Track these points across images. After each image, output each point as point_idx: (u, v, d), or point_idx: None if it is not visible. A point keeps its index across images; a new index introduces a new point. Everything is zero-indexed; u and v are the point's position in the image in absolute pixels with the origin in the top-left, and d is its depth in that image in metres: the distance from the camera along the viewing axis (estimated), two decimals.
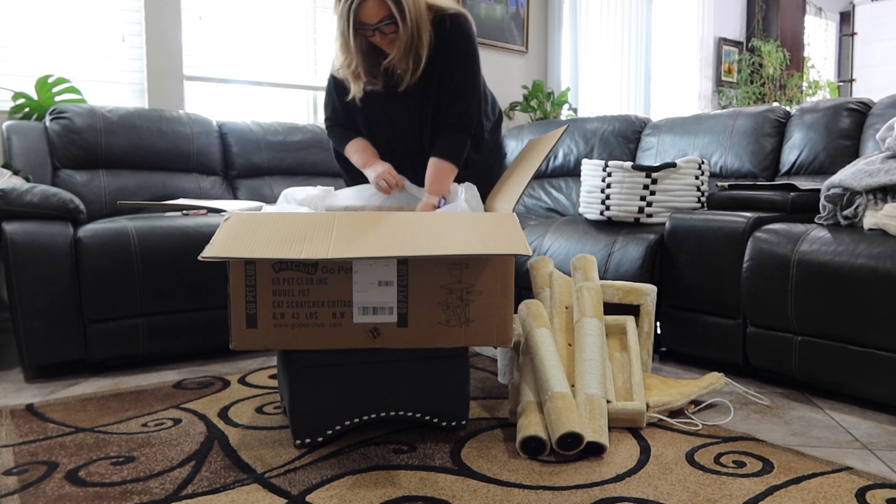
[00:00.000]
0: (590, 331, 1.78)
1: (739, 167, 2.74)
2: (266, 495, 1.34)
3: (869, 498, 1.33)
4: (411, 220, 1.59)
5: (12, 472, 1.45)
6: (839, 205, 1.99)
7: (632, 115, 3.28)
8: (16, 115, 2.79)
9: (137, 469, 1.46)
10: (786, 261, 1.91)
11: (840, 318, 1.81)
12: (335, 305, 1.53)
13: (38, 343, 2.06)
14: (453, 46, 1.93)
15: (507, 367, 2.02)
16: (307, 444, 1.57)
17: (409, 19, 1.84)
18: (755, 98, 5.85)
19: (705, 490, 1.36)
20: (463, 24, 1.94)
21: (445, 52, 1.93)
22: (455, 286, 1.56)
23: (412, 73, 1.92)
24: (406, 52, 1.89)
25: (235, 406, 1.86)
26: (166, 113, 2.89)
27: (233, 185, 3.02)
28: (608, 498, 1.33)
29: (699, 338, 2.18)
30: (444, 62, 1.93)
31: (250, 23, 3.45)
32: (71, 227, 2.13)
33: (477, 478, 1.42)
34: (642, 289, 2.00)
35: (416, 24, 1.85)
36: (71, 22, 2.98)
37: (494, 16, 4.26)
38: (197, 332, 2.28)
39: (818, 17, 6.92)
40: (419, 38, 1.88)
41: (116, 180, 2.72)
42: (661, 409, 1.73)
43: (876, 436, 1.66)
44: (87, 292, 2.10)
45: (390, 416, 1.63)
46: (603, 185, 2.47)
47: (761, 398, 1.92)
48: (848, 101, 2.56)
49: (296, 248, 1.43)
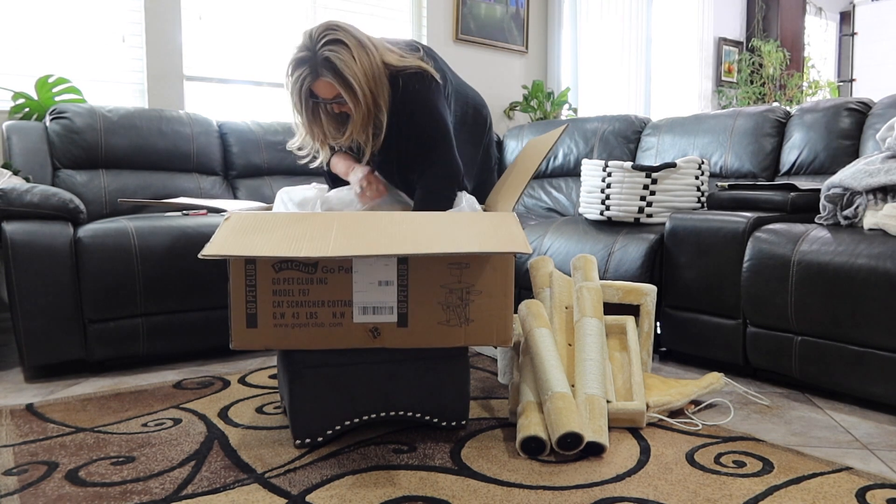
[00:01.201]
0: (590, 331, 1.78)
1: (739, 167, 2.74)
2: (266, 495, 1.34)
3: (869, 498, 1.33)
4: (411, 219, 1.59)
5: (12, 472, 1.45)
6: (839, 205, 1.99)
7: (632, 115, 3.28)
8: (16, 115, 2.79)
9: (137, 469, 1.46)
10: (786, 261, 1.91)
11: (840, 318, 1.80)
12: (335, 305, 1.53)
13: (38, 343, 2.06)
14: (409, 107, 1.86)
15: (507, 367, 2.02)
16: (307, 444, 1.57)
17: (362, 96, 1.79)
18: (755, 98, 5.85)
19: (705, 490, 1.36)
20: (417, 84, 1.86)
21: (403, 113, 1.87)
22: (455, 286, 1.56)
23: (373, 142, 1.89)
24: (363, 126, 1.85)
25: (235, 406, 1.86)
26: (166, 113, 2.90)
27: (233, 185, 3.02)
28: (608, 498, 1.33)
29: (699, 338, 2.18)
30: (406, 125, 1.88)
31: (250, 23, 3.45)
32: (71, 227, 2.13)
33: (477, 478, 1.42)
34: (642, 289, 2.00)
35: (370, 99, 1.81)
36: (71, 22, 2.98)
37: (494, 16, 4.26)
38: (197, 332, 2.28)
39: (818, 17, 6.92)
40: (375, 109, 1.84)
41: (116, 180, 2.72)
42: (661, 409, 1.73)
43: (876, 436, 1.66)
44: (87, 292, 2.10)
45: (390, 416, 1.63)
46: (603, 185, 2.47)
47: (761, 398, 1.92)
48: (848, 101, 2.56)
49: (295, 246, 1.43)
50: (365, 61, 1.78)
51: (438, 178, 1.90)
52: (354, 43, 1.79)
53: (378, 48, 1.85)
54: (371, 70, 1.80)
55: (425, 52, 1.97)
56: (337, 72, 1.77)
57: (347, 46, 1.77)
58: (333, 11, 3.69)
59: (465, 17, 4.12)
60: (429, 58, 1.96)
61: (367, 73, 1.79)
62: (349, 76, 1.76)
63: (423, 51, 1.96)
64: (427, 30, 4.01)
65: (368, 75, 1.79)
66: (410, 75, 1.86)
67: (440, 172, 1.89)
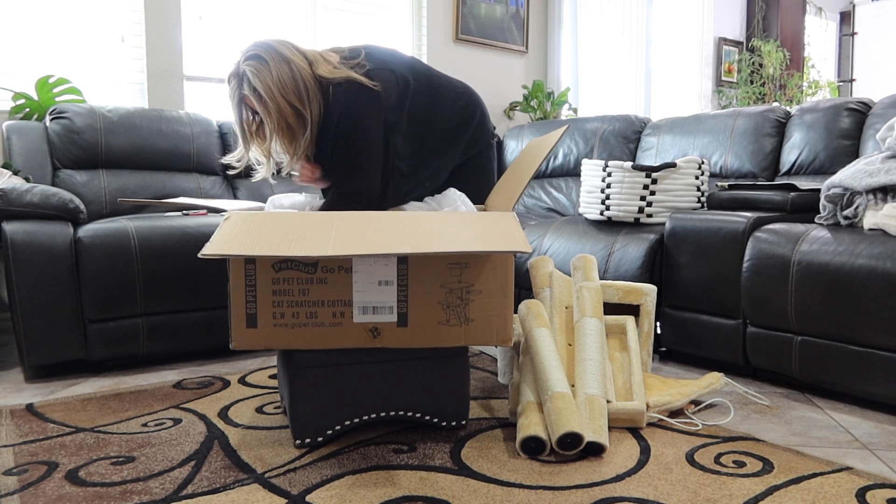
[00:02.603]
0: (590, 331, 1.78)
1: (739, 167, 2.74)
2: (266, 495, 1.34)
3: (869, 498, 1.33)
4: (410, 219, 1.59)
5: (12, 472, 1.45)
6: (839, 205, 1.99)
7: (632, 115, 3.28)
8: (16, 115, 2.79)
9: (137, 469, 1.46)
10: (786, 261, 1.91)
11: (840, 318, 1.80)
12: (335, 305, 1.53)
13: (38, 343, 2.06)
14: (334, 118, 1.87)
15: (507, 367, 2.02)
16: (307, 444, 1.57)
17: (274, 108, 1.82)
18: (755, 98, 5.85)
19: (705, 490, 1.36)
20: (340, 96, 1.87)
21: (329, 124, 1.89)
22: (455, 285, 1.56)
23: (292, 154, 1.91)
24: (280, 136, 1.87)
25: (235, 406, 1.86)
26: (166, 113, 2.90)
27: (233, 185, 3.02)
28: (608, 498, 1.33)
29: (699, 338, 2.18)
30: (329, 134, 1.90)
31: (250, 23, 3.45)
32: (71, 226, 2.13)
33: (477, 478, 1.42)
34: (642, 289, 2.00)
35: (286, 111, 1.83)
36: (71, 22, 2.98)
37: (494, 16, 4.26)
38: (197, 332, 2.28)
39: (818, 17, 6.92)
40: (297, 121, 1.85)
41: (116, 180, 2.72)
42: (661, 409, 1.73)
43: (876, 436, 1.66)
44: (87, 292, 2.10)
45: (390, 416, 1.63)
46: (603, 185, 2.47)
47: (761, 398, 1.92)
48: (848, 101, 2.56)
49: (295, 246, 1.43)
50: (285, 74, 1.81)
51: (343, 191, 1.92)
52: (275, 57, 1.83)
53: (311, 61, 1.88)
54: (292, 83, 1.82)
55: (374, 62, 1.94)
56: (250, 84, 1.82)
57: (265, 60, 1.82)
58: (333, 11, 3.69)
59: (465, 17, 4.12)
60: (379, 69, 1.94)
61: (286, 85, 1.81)
62: (261, 89, 1.81)
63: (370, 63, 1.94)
64: (427, 30, 4.01)
65: (287, 87, 1.81)
66: (337, 85, 1.88)
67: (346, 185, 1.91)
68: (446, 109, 2.05)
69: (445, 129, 2.05)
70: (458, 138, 2.07)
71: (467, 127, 2.08)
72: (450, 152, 2.06)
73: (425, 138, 2.02)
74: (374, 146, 1.90)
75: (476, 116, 2.11)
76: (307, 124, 1.86)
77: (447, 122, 2.05)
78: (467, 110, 2.09)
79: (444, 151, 2.06)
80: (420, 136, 2.01)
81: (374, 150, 1.91)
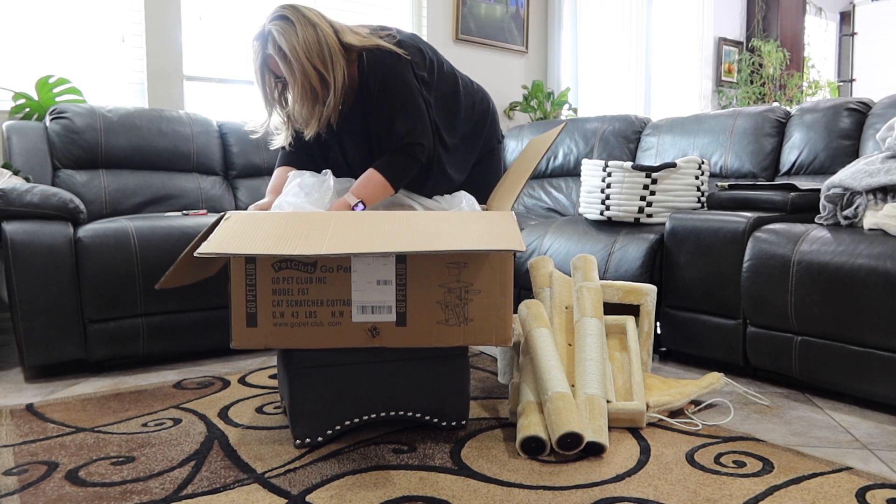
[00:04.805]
0: (590, 331, 1.78)
1: (739, 167, 2.74)
2: (266, 495, 1.34)
3: (869, 498, 1.33)
4: (408, 218, 1.59)
5: (12, 472, 1.45)
6: (839, 205, 1.99)
7: (632, 115, 3.28)
8: (16, 115, 2.79)
9: (137, 469, 1.46)
10: (786, 261, 1.91)
11: (840, 318, 1.80)
12: (334, 304, 1.53)
13: (38, 343, 2.06)
14: (373, 84, 1.87)
15: (507, 367, 2.02)
16: (307, 444, 1.57)
17: (299, 70, 1.80)
18: (755, 98, 5.84)
19: (705, 490, 1.36)
20: (376, 60, 1.87)
21: (368, 90, 1.89)
22: (454, 285, 1.56)
23: (314, 119, 1.89)
24: (303, 99, 1.85)
25: (235, 406, 1.86)
26: (166, 113, 2.89)
27: (233, 185, 3.02)
28: (608, 498, 1.33)
29: (699, 338, 2.18)
30: (371, 101, 1.89)
31: (250, 23, 3.44)
32: (71, 227, 2.13)
33: (477, 478, 1.42)
34: (642, 289, 2.00)
35: (310, 73, 1.81)
36: (71, 22, 2.97)
37: (494, 16, 4.26)
38: (197, 332, 2.28)
39: (818, 17, 6.92)
40: (321, 85, 1.83)
41: (116, 180, 2.72)
42: (661, 409, 1.73)
43: (876, 436, 1.66)
44: (87, 292, 2.10)
45: (390, 416, 1.63)
46: (603, 185, 2.47)
47: (761, 398, 1.92)
48: (848, 101, 2.56)
49: (292, 244, 1.43)
50: (311, 37, 1.81)
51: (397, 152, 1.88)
52: (302, 20, 1.82)
53: (337, 30, 1.87)
54: (317, 46, 1.81)
55: (404, 37, 1.95)
56: (276, 43, 1.81)
57: (292, 22, 1.81)
58: (333, 11, 3.69)
59: (465, 17, 4.12)
60: (409, 42, 1.95)
61: (311, 48, 1.80)
62: (287, 48, 1.80)
63: (399, 35, 1.94)
64: (427, 30, 4.01)
65: (312, 50, 1.80)
66: (370, 51, 1.88)
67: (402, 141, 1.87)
68: (468, 104, 2.08)
69: (467, 124, 2.07)
70: (477, 136, 2.10)
71: (484, 125, 2.11)
72: (473, 145, 2.08)
73: (454, 121, 2.02)
74: (418, 97, 1.90)
75: (490, 114, 2.14)
76: (330, 89, 1.85)
77: (468, 118, 2.07)
78: (486, 108, 2.13)
79: (469, 144, 2.07)
80: (449, 115, 2.02)
81: (420, 102, 1.90)
